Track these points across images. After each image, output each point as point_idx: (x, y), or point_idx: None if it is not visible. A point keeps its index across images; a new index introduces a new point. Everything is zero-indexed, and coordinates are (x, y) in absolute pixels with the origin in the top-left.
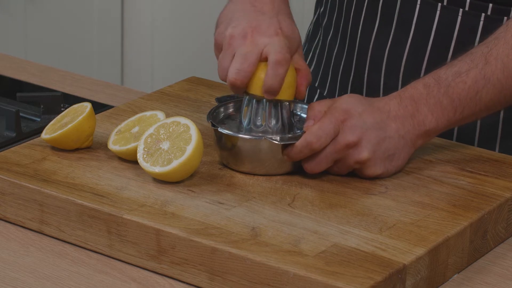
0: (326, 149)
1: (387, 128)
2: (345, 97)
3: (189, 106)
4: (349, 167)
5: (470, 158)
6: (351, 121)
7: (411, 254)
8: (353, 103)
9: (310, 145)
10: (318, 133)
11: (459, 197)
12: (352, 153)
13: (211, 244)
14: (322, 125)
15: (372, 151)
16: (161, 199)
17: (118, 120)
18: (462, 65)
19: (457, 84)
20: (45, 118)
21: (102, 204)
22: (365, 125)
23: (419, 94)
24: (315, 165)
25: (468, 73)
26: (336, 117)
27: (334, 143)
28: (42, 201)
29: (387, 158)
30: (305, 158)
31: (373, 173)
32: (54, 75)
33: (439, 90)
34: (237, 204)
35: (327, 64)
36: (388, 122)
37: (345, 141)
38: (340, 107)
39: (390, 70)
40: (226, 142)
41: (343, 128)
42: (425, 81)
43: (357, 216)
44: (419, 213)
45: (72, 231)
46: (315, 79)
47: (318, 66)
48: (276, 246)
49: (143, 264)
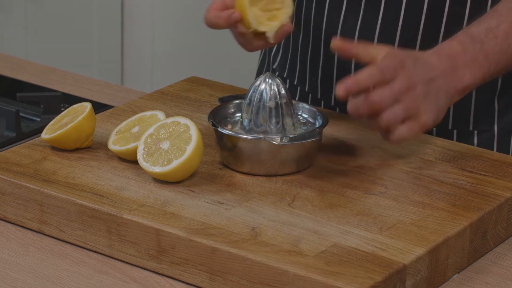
0: (390, 85)
1: (434, 80)
2: (393, 51)
3: (189, 106)
4: (408, 109)
5: (470, 158)
6: (408, 68)
7: (411, 254)
8: (404, 52)
9: (374, 74)
10: (381, 66)
11: (459, 197)
12: (412, 93)
13: (211, 244)
14: (384, 61)
15: (425, 97)
16: (161, 199)
17: (118, 120)
18: (491, 21)
19: (489, 40)
20: (45, 118)
21: (102, 204)
22: (417, 77)
23: (455, 51)
24: (379, 98)
25: (498, 28)
26: (395, 61)
27: (397, 82)
28: (42, 201)
29: (435, 106)
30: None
31: (425, 122)
32: (54, 75)
33: (475, 47)
34: (237, 204)
35: (293, 54)
36: (434, 73)
37: (406, 82)
38: (397, 56)
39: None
40: (226, 142)
41: (403, 71)
42: (459, 38)
43: (357, 216)
44: (419, 213)
45: (72, 231)
46: (283, 70)
47: (284, 57)
48: (276, 246)
49: (143, 264)
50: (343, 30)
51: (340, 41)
